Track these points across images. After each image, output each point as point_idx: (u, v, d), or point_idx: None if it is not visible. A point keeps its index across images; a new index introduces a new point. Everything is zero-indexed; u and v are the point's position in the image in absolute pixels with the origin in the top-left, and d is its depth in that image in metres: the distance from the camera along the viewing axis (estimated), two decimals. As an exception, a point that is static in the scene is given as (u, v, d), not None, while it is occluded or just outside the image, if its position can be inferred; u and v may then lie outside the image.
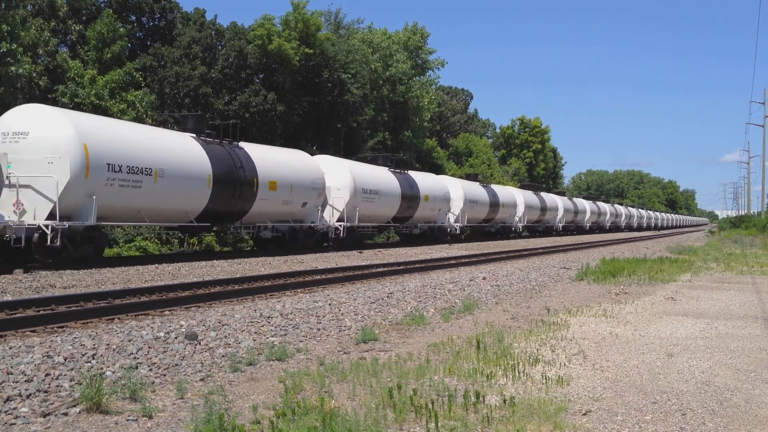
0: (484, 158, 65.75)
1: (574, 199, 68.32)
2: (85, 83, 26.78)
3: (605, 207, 78.08)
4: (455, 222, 38.56)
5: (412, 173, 35.67)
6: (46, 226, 15.70)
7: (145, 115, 27.43)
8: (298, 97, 37.06)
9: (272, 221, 24.31)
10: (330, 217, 27.39)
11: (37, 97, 25.08)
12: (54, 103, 25.49)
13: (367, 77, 44.04)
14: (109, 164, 17.25)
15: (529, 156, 78.91)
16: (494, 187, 47.02)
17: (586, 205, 69.02)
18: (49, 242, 15.69)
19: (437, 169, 49.84)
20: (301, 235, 25.67)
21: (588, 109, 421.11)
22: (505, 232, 48.55)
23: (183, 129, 22.03)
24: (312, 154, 27.42)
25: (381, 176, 31.54)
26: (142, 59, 33.33)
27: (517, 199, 49.26)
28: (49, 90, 27.09)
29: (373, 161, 33.73)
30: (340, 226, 27.23)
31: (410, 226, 35.83)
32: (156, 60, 33.98)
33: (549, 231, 57.78)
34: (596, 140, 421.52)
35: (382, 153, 37.89)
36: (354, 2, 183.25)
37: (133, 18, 36.08)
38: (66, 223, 16.16)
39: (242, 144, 23.41)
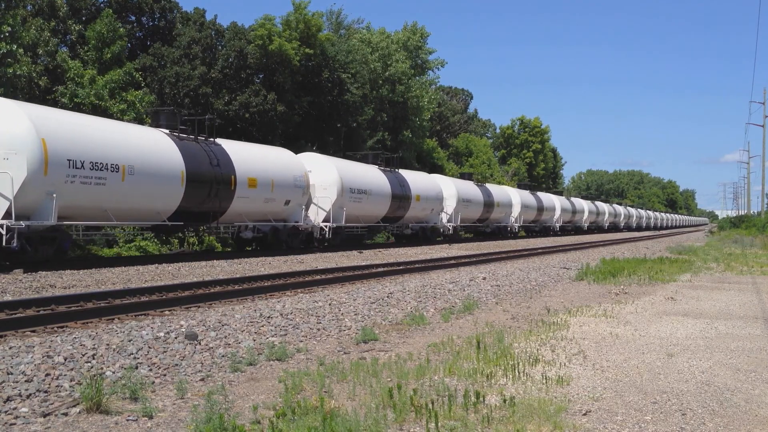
0: (484, 158, 65.76)
1: (572, 199, 67.59)
2: (84, 83, 26.77)
3: (604, 207, 77.59)
4: (448, 222, 37.96)
5: (404, 172, 34.90)
6: (1, 226, 14.92)
7: (144, 116, 27.42)
8: (298, 97, 37.07)
9: (253, 221, 23.59)
10: (315, 216, 26.63)
11: (36, 97, 25.06)
12: (54, 103, 25.49)
13: (367, 77, 44.05)
14: (69, 160, 16.22)
15: (529, 156, 78.93)
16: (489, 186, 46.26)
17: (584, 204, 68.48)
18: (4, 243, 14.91)
19: (437, 170, 49.82)
20: (284, 235, 24.92)
21: (588, 109, 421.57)
22: (501, 232, 47.77)
23: (156, 125, 21.19)
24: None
25: (370, 175, 30.62)
26: (142, 59, 33.33)
27: (513, 198, 48.61)
28: (48, 90, 27.08)
29: (362, 159, 32.76)
30: (326, 226, 26.55)
31: (402, 226, 35.39)
32: (156, 60, 33.98)
33: (546, 231, 57.17)
34: (596, 140, 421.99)
35: (374, 151, 37.13)
36: (354, 2, 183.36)
37: (133, 18, 36.08)
38: (23, 223, 15.29)
39: (219, 140, 22.67)
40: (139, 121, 26.00)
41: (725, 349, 7.94)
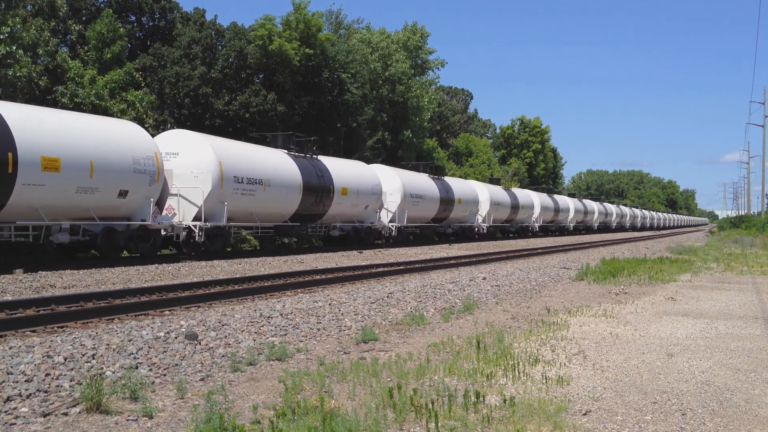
0: (484, 158, 65.75)
1: (584, 201, 70.98)
2: (85, 83, 26.77)
3: (611, 208, 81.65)
4: (482, 222, 43.17)
5: (448, 179, 40.11)
6: (195, 226, 20.08)
7: (145, 115, 27.41)
8: (298, 97, 37.06)
9: (341, 222, 28.66)
10: (384, 218, 31.50)
11: (36, 97, 25.07)
12: (54, 103, 25.50)
13: (367, 77, 44.04)
14: (235, 177, 21.32)
15: (529, 156, 78.92)
16: (514, 190, 51.97)
17: (594, 206, 72.57)
18: (196, 238, 20.07)
19: (439, 170, 50.02)
20: (362, 233, 30.14)
21: (588, 109, 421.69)
22: (523, 231, 52.27)
23: (275, 146, 26.00)
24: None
25: (423, 182, 35.87)
26: (142, 59, 33.31)
27: (534, 201, 53.39)
28: (49, 90, 27.08)
29: (413, 168, 37.71)
30: (392, 226, 31.68)
31: (445, 225, 40.20)
32: (156, 60, 33.96)
33: (562, 231, 61.16)
34: (596, 140, 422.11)
35: (423, 162, 42.71)
36: (354, 2, 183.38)
37: (133, 18, 36.05)
38: (208, 223, 20.51)
39: (321, 157, 27.72)
40: (139, 121, 25.99)
41: (725, 349, 7.94)
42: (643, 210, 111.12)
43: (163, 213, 20.17)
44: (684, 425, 5.07)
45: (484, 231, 43.53)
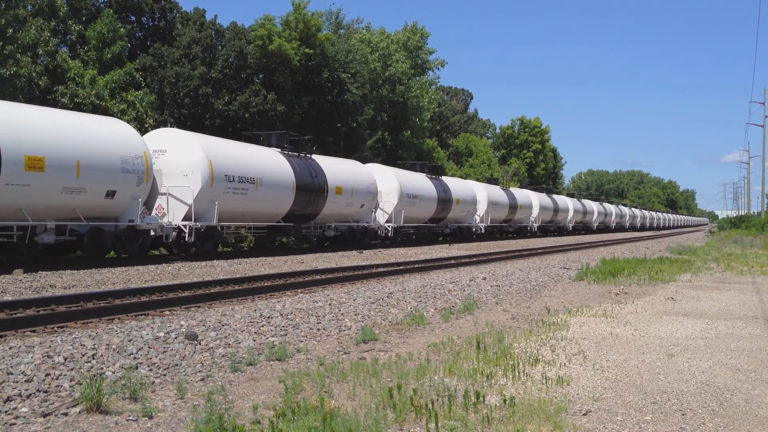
0: (484, 158, 65.78)
1: (583, 201, 70.34)
2: (85, 83, 26.78)
3: (611, 208, 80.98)
4: (480, 222, 42.62)
5: (445, 179, 39.53)
6: (185, 225, 19.44)
7: (145, 115, 27.42)
8: (298, 97, 37.07)
9: (336, 222, 28.17)
10: (381, 218, 31.00)
11: (36, 97, 25.07)
12: (54, 103, 25.50)
13: (367, 77, 44.04)
14: (226, 176, 20.76)
15: (529, 156, 78.94)
16: (513, 190, 51.16)
17: (593, 206, 71.90)
18: (186, 238, 19.53)
19: (437, 170, 49.90)
20: (358, 234, 29.49)
21: (588, 109, 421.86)
22: (522, 231, 51.57)
23: (268, 144, 25.44)
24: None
25: (420, 182, 35.32)
26: (142, 59, 33.32)
27: (533, 201, 53.21)
28: (49, 90, 27.09)
29: (411, 168, 37.24)
30: (389, 226, 31.14)
31: (443, 226, 39.78)
32: (156, 60, 33.97)
33: (560, 231, 60.35)
34: (596, 140, 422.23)
35: (421, 161, 42.33)
36: (354, 2, 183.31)
37: (133, 18, 36.07)
38: (198, 223, 19.85)
39: (314, 156, 27.13)
40: (139, 121, 26.01)
41: (725, 349, 7.94)
42: (643, 210, 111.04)
43: (153, 213, 19.59)
44: (684, 425, 5.07)
45: (482, 231, 43.15)
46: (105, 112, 25.39)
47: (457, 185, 40.42)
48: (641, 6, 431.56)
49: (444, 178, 39.78)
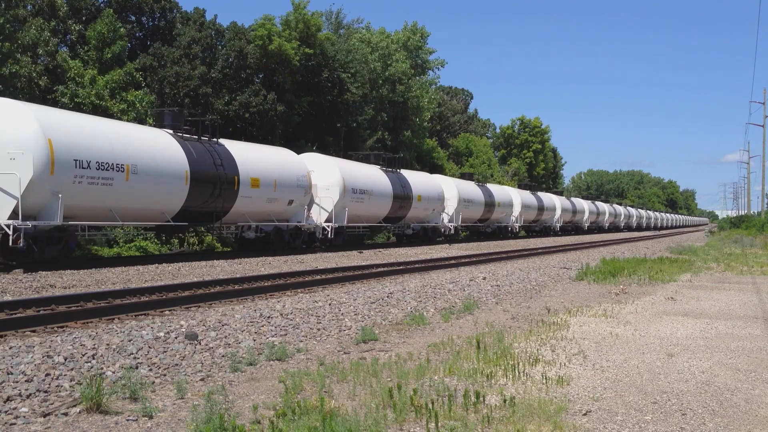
0: (484, 158, 65.76)
1: (572, 199, 67.16)
2: (85, 83, 26.76)
3: (604, 207, 77.52)
4: (449, 222, 37.74)
5: (405, 172, 34.67)
6: (8, 226, 14.69)
7: (145, 115, 27.42)
8: (298, 97, 37.07)
9: (256, 221, 23.49)
10: (317, 216, 26.40)
11: (36, 97, 25.06)
12: (54, 103, 25.48)
13: (367, 77, 44.05)
14: (76, 160, 16.05)
15: (529, 156, 78.94)
16: (490, 186, 45.95)
17: (584, 204, 68.14)
18: (11, 243, 14.66)
19: (437, 170, 49.76)
20: (287, 235, 24.76)
21: (588, 109, 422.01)
22: (502, 232, 47.13)
23: (160, 125, 21.16)
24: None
25: (372, 175, 30.31)
26: (142, 59, 33.32)
27: (514, 198, 48.09)
28: (49, 90, 27.08)
29: (364, 159, 32.33)
30: (328, 226, 26.39)
31: (403, 226, 34.96)
32: (156, 60, 33.97)
33: (546, 231, 56.48)
34: (596, 140, 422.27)
35: (376, 152, 36.75)
36: (354, 2, 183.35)
37: (133, 18, 36.06)
38: (29, 223, 15.13)
39: (223, 141, 22.54)
40: (140, 121, 26.00)
41: (725, 349, 7.94)
42: (639, 209, 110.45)
43: None
44: (684, 425, 5.07)
45: (452, 232, 38.23)
46: (105, 112, 25.37)
47: (420, 179, 35.58)
48: (641, 6, 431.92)
49: (404, 172, 34.66)
